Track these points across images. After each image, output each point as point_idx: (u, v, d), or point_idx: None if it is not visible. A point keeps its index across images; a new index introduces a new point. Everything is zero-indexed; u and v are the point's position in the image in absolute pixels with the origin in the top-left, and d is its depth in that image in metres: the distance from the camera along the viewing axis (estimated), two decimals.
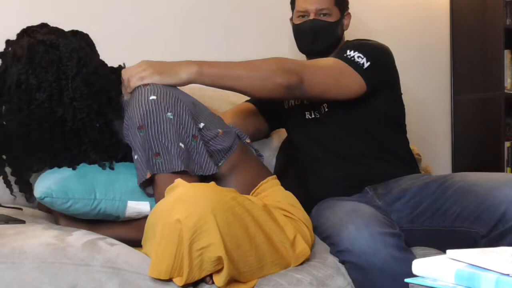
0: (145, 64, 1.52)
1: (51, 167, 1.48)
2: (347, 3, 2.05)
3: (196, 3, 2.49)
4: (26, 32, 1.49)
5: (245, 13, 2.58)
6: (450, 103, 3.16)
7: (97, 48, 1.59)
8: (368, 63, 1.79)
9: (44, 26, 1.51)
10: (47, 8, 2.12)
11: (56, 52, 1.44)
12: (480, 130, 3.08)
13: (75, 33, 1.53)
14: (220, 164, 1.51)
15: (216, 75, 1.56)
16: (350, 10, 2.07)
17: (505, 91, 2.97)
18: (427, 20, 3.07)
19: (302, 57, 2.09)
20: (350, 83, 1.77)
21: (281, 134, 2.18)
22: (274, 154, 2.15)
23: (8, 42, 1.49)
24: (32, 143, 1.44)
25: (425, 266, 1.00)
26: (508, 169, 3.02)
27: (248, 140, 1.65)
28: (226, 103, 2.09)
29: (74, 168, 1.46)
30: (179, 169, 1.39)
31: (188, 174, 1.41)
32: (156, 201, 1.41)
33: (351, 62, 1.78)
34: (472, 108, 3.10)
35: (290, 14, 2.09)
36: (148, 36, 2.35)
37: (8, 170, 1.53)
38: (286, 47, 2.46)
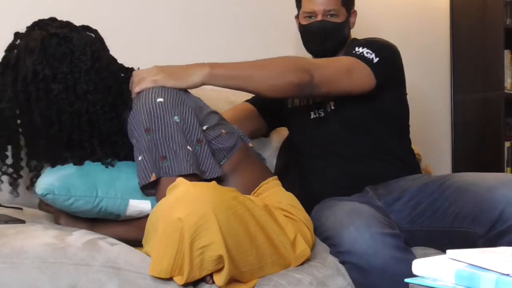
0: (157, 69, 1.52)
1: (53, 166, 1.48)
2: (353, 1, 2.05)
3: (198, 3, 2.49)
4: (38, 25, 1.49)
5: (247, 13, 2.58)
6: (450, 103, 3.16)
7: None
8: (377, 58, 1.80)
9: (54, 20, 1.51)
10: (47, 8, 2.12)
11: (69, 45, 1.44)
12: (480, 130, 3.08)
13: (85, 28, 1.53)
14: (221, 163, 1.52)
15: (228, 76, 1.56)
16: None
17: (505, 91, 2.97)
18: (427, 20, 3.07)
19: (308, 56, 2.09)
20: (360, 77, 1.78)
21: (281, 134, 2.18)
22: (274, 154, 2.15)
23: (17, 34, 1.48)
24: (48, 134, 1.44)
25: (425, 266, 1.00)
26: (508, 169, 3.02)
27: (250, 144, 1.66)
28: (226, 103, 2.09)
29: (80, 164, 1.46)
30: (189, 172, 1.39)
31: (190, 178, 1.40)
32: (158, 201, 1.41)
33: (360, 57, 1.79)
34: (472, 108, 3.10)
35: (293, 12, 2.08)
36: (149, 36, 2.35)
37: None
38: (290, 47, 2.47)
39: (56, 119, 1.43)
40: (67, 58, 1.43)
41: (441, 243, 1.62)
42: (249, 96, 2.07)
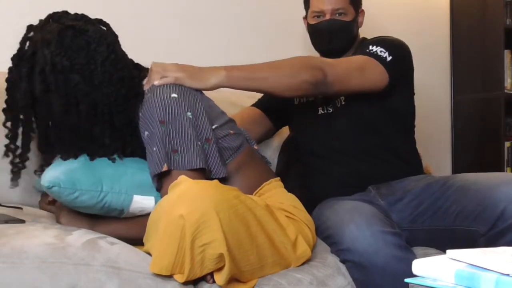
0: (177, 66, 1.54)
1: (65, 159, 1.48)
2: (360, 0, 2.06)
3: (198, 3, 2.49)
4: (52, 18, 1.50)
5: (247, 13, 2.58)
6: (450, 103, 3.16)
7: None
8: (391, 57, 1.81)
9: (67, 13, 1.52)
10: (46, 8, 2.12)
11: (85, 37, 1.45)
12: (480, 130, 3.08)
13: (99, 21, 1.55)
14: (227, 162, 1.52)
15: (243, 78, 1.59)
16: None
17: (505, 91, 2.97)
18: (427, 20, 3.07)
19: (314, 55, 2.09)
20: (374, 75, 1.79)
21: (282, 134, 2.18)
22: (275, 154, 2.15)
23: (30, 27, 1.49)
24: (65, 125, 1.45)
25: (425, 266, 1.00)
26: (508, 169, 3.02)
27: (255, 147, 1.66)
28: (227, 103, 2.08)
29: (91, 159, 1.46)
30: (198, 166, 1.40)
31: (199, 173, 1.41)
32: (162, 195, 1.42)
33: (374, 56, 1.81)
34: (472, 108, 3.09)
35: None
36: (149, 37, 2.35)
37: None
38: (290, 47, 2.46)
39: (75, 108, 1.44)
40: (84, 50, 1.44)
41: (442, 242, 1.63)
42: (248, 99, 2.08)
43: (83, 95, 1.43)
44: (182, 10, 2.46)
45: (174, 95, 1.44)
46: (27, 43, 1.46)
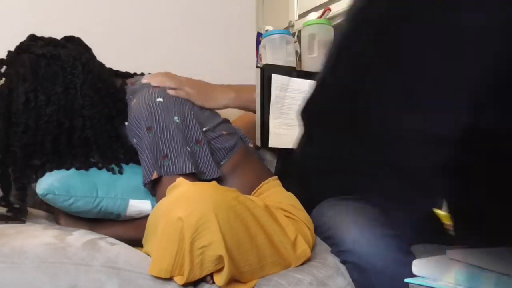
0: (190, 82, 1.58)
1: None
2: None
3: (196, 5, 2.49)
4: (21, 48, 1.47)
5: (247, 13, 2.58)
6: None
7: (97, 51, 1.58)
8: None
9: (34, 38, 1.50)
10: (46, 9, 2.12)
11: (58, 63, 1.44)
12: None
13: (68, 40, 1.52)
14: (221, 163, 1.52)
15: (251, 100, 1.68)
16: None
17: None
18: None
19: None
20: None
21: None
22: (274, 155, 2.14)
23: (2, 61, 1.47)
24: (40, 157, 1.44)
25: (425, 266, 1.00)
26: None
27: (251, 145, 1.66)
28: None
29: (86, 170, 1.46)
30: (189, 171, 1.40)
31: (190, 177, 1.41)
32: (158, 201, 1.41)
33: None
34: None
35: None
36: (149, 37, 2.35)
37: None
38: None
39: (40, 144, 1.42)
40: (59, 76, 1.43)
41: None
42: None
43: (55, 126, 1.42)
44: (182, 10, 2.46)
45: (159, 99, 1.44)
46: (2, 80, 1.44)
